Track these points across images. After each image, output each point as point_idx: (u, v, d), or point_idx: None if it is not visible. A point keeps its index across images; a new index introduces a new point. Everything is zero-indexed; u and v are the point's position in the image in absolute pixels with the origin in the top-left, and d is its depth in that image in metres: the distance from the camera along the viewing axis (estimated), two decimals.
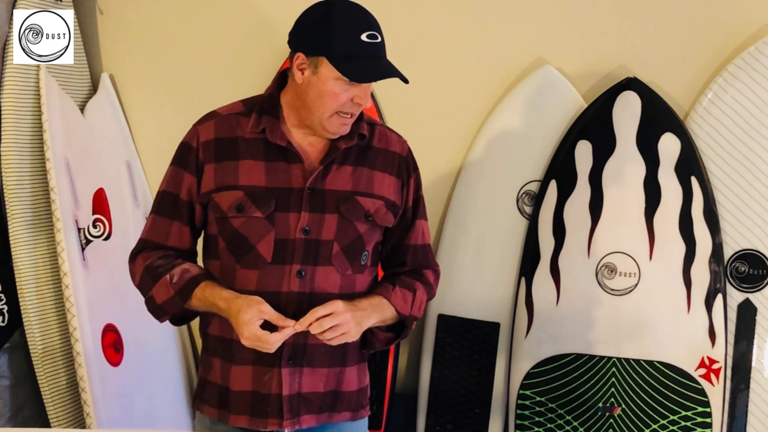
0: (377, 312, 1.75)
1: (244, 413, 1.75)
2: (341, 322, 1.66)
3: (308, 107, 1.71)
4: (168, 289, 1.73)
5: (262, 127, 1.74)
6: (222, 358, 1.78)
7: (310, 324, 1.65)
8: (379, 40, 1.69)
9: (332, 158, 1.74)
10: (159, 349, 2.80)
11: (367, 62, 1.67)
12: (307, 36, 1.70)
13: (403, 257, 1.86)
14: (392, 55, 2.88)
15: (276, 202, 1.71)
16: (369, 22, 1.69)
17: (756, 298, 2.66)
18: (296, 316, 1.69)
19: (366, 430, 1.91)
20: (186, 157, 1.77)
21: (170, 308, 1.75)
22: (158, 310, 1.78)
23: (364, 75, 1.67)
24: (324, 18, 1.68)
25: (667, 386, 2.63)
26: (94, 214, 2.59)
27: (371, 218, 1.76)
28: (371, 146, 1.80)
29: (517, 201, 2.77)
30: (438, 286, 1.91)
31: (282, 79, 1.80)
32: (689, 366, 2.62)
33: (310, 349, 1.75)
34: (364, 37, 1.66)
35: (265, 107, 1.77)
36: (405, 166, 1.84)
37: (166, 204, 1.79)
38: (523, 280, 2.72)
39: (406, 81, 1.71)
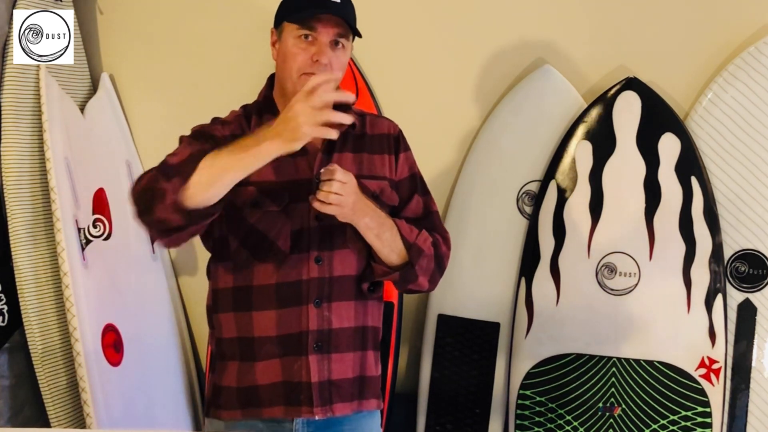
0: (378, 218, 1.72)
1: (278, 404, 1.76)
2: (344, 194, 1.63)
3: (283, 79, 1.77)
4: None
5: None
6: (241, 360, 1.78)
7: (325, 188, 1.61)
8: None
9: (332, 146, 1.78)
10: (159, 349, 2.79)
11: (314, 8, 1.71)
12: (276, 13, 1.79)
13: None
14: (392, 55, 2.88)
15: (289, 194, 1.73)
16: None
17: (756, 298, 2.66)
18: (318, 302, 1.74)
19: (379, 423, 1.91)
20: (206, 140, 1.74)
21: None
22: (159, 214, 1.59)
23: (303, 13, 1.71)
24: None
25: (667, 386, 2.63)
26: (94, 214, 2.59)
27: (378, 198, 1.78)
28: (365, 134, 1.85)
29: (517, 201, 2.76)
30: (450, 252, 1.86)
31: (272, 80, 1.85)
32: (689, 366, 2.62)
33: (335, 335, 1.76)
34: None
35: (263, 108, 1.81)
36: (395, 143, 1.87)
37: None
38: (523, 280, 2.71)
39: (358, 34, 1.76)
